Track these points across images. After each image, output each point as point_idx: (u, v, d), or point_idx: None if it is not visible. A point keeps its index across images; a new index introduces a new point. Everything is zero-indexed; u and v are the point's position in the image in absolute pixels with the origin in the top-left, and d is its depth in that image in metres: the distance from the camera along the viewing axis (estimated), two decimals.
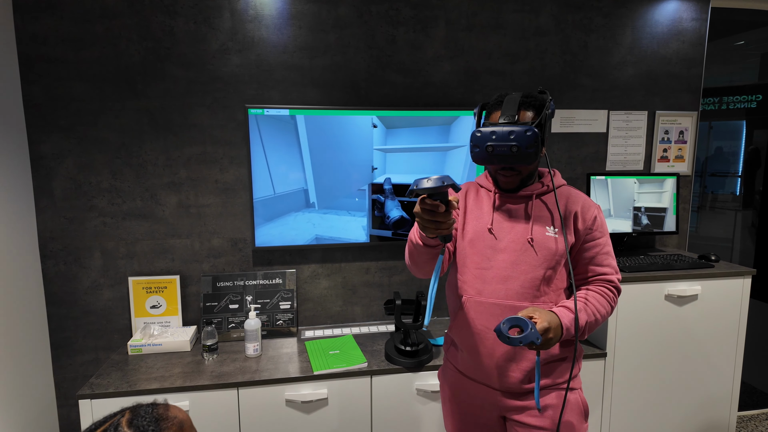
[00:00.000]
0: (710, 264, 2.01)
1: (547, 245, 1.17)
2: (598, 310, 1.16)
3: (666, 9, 2.21)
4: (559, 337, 1.08)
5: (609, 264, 1.21)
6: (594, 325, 1.16)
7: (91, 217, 1.90)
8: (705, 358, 1.99)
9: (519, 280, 1.18)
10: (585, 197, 1.23)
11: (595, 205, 1.22)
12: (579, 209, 1.20)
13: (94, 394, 1.55)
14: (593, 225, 1.19)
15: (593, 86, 2.21)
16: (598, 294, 1.19)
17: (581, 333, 1.12)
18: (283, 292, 2.01)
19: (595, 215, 1.20)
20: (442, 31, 2.04)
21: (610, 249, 1.22)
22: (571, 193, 1.23)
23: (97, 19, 1.80)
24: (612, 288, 1.21)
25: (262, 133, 1.89)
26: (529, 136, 1.07)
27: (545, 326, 1.03)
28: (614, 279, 1.22)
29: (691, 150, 2.35)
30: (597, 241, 1.20)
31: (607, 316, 1.19)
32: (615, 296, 1.21)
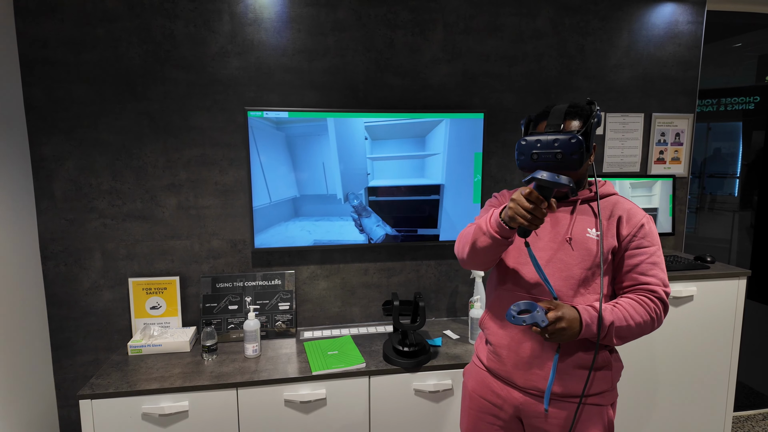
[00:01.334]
0: (706, 265, 2.03)
1: (586, 245, 1.17)
2: (632, 316, 1.11)
3: (662, 12, 2.23)
4: (577, 332, 1.08)
5: (655, 275, 1.16)
6: (626, 331, 1.11)
7: (92, 219, 1.91)
8: (701, 358, 2.01)
9: (553, 277, 1.19)
10: (634, 206, 1.21)
11: (645, 215, 1.19)
12: (624, 214, 1.18)
13: (95, 394, 1.56)
14: (639, 232, 1.16)
15: (590, 88, 2.23)
16: (634, 301, 1.14)
17: (608, 336, 1.10)
18: (282, 293, 2.02)
19: (643, 223, 1.17)
20: (439, 34, 2.06)
21: (658, 260, 1.17)
22: (619, 201, 1.22)
23: (97, 22, 1.81)
24: (654, 298, 1.14)
25: (259, 145, 1.91)
26: (573, 143, 1.10)
27: (558, 315, 1.06)
28: (659, 290, 1.15)
29: (687, 152, 2.37)
30: (643, 250, 1.16)
31: (647, 327, 1.13)
32: (657, 308, 1.14)
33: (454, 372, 1.77)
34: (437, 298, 2.23)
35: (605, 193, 1.24)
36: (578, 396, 1.17)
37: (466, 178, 2.08)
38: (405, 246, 2.12)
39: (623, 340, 1.14)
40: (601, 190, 1.24)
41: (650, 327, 1.14)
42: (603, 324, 1.08)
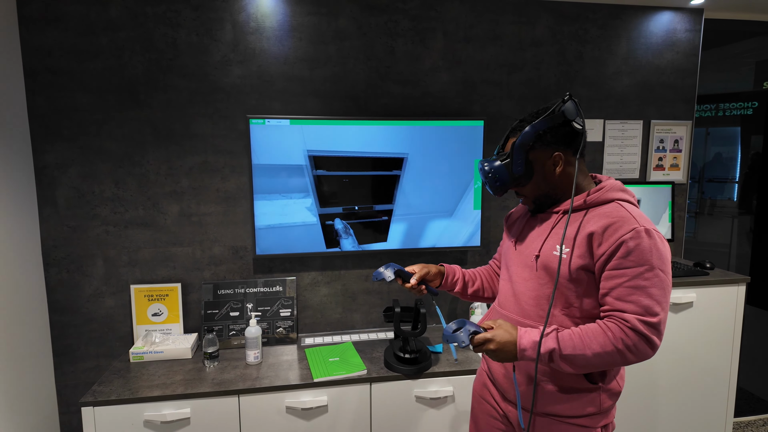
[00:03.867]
0: (705, 271, 2.04)
1: (550, 263, 1.10)
2: (588, 345, 1.00)
3: (660, 20, 2.25)
4: (511, 355, 1.04)
5: (634, 300, 0.99)
6: (582, 360, 1.01)
7: (94, 226, 1.92)
8: (701, 364, 2.01)
9: (525, 296, 1.16)
10: (625, 217, 1.03)
11: (636, 229, 1.01)
12: (599, 229, 1.04)
13: (97, 401, 1.57)
14: (617, 251, 1.01)
15: (589, 96, 2.25)
16: (599, 328, 1.01)
17: (555, 363, 1.03)
18: (283, 299, 2.03)
19: (623, 240, 1.00)
20: (440, 43, 2.07)
21: (645, 284, 0.99)
22: (613, 211, 1.06)
23: (101, 32, 1.83)
24: (624, 328, 0.98)
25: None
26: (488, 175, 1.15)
27: (487, 337, 1.05)
28: (631, 319, 0.98)
29: (686, 158, 2.38)
30: (623, 271, 1.00)
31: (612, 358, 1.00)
32: (628, 338, 0.98)
33: (456, 379, 1.77)
34: (441, 305, 2.23)
35: (601, 200, 1.10)
36: (554, 415, 1.14)
37: (466, 185, 2.09)
38: (406, 252, 2.13)
39: (581, 369, 1.03)
40: (598, 196, 1.10)
41: (618, 358, 1.00)
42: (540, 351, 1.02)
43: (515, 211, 1.35)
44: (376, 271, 1.32)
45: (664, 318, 1.00)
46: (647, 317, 0.98)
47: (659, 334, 0.99)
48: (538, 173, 1.14)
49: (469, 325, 1.08)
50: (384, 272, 1.31)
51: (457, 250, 2.17)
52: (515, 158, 1.12)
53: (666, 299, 1.01)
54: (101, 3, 1.82)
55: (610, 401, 1.14)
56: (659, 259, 1.00)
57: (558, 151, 1.12)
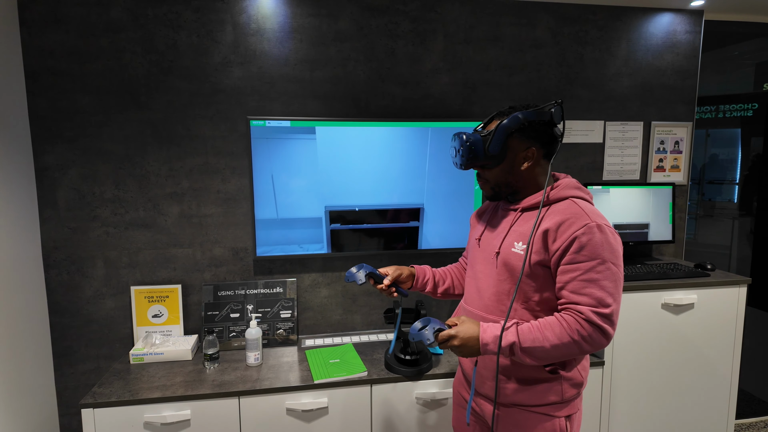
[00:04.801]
0: (706, 273, 2.04)
1: (508, 260, 1.14)
2: (546, 337, 1.04)
3: (660, 22, 2.25)
4: (475, 350, 1.09)
5: (588, 293, 1.03)
6: (541, 353, 1.05)
7: (95, 227, 1.92)
8: (702, 366, 2.01)
9: (488, 293, 1.20)
10: (578, 214, 1.08)
11: (588, 225, 1.05)
12: (553, 226, 1.08)
13: (97, 403, 1.56)
14: (571, 246, 1.05)
15: (589, 97, 2.25)
16: (556, 321, 1.06)
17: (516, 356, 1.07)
18: (283, 301, 2.03)
19: (576, 236, 1.04)
20: (440, 44, 2.08)
21: (597, 277, 1.03)
22: (568, 207, 1.10)
23: (101, 33, 1.83)
24: (579, 319, 1.03)
25: None
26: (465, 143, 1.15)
27: (451, 333, 1.09)
28: (586, 311, 1.03)
29: (686, 160, 2.38)
30: (577, 265, 1.04)
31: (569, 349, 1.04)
32: (583, 329, 1.03)
33: (443, 381, 1.77)
34: (438, 305, 2.23)
35: (556, 198, 1.13)
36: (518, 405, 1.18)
37: (467, 186, 2.09)
38: (406, 254, 2.13)
39: (541, 361, 1.08)
40: (553, 194, 1.13)
41: (575, 349, 1.04)
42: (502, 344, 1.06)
43: (480, 209, 1.39)
44: (348, 272, 1.33)
45: (616, 309, 1.05)
46: (600, 308, 1.03)
47: (612, 324, 1.04)
48: (509, 161, 1.17)
49: (433, 323, 1.13)
50: (356, 274, 1.32)
51: (458, 251, 2.16)
52: (495, 137, 1.14)
53: (618, 291, 1.06)
54: (102, 4, 1.82)
55: (572, 390, 1.17)
56: (611, 252, 1.05)
57: (533, 147, 1.15)
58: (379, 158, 2.00)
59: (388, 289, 1.32)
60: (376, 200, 2.03)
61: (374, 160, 2.00)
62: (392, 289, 1.32)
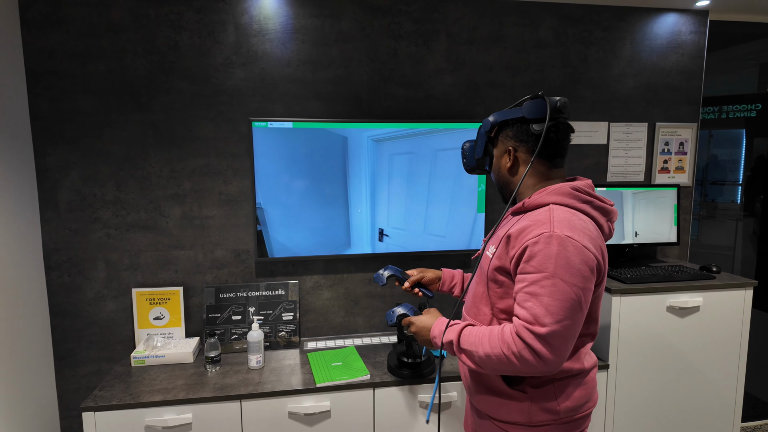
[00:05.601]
0: (711, 275, 2.02)
1: (482, 263, 1.17)
2: (481, 343, 1.02)
3: (665, 22, 2.24)
4: (426, 338, 1.21)
5: (528, 308, 0.96)
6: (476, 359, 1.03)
7: (96, 229, 1.91)
8: (707, 369, 1.99)
9: (470, 294, 1.23)
10: (542, 221, 1.00)
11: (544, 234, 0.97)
12: (515, 232, 1.03)
13: (98, 406, 1.55)
14: (523, 254, 0.99)
15: (593, 98, 2.23)
16: (497, 331, 1.02)
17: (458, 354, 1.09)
18: (285, 303, 2.02)
19: (527, 244, 0.98)
20: (443, 45, 2.06)
21: (541, 291, 0.95)
22: (537, 215, 1.03)
23: (103, 34, 1.82)
24: (513, 333, 0.97)
25: None
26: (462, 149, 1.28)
27: (411, 320, 1.28)
28: (519, 326, 0.96)
29: (691, 161, 2.36)
30: (524, 276, 0.98)
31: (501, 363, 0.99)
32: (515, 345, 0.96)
33: (459, 384, 1.76)
34: (441, 307, 2.21)
35: (536, 204, 1.07)
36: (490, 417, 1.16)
37: (470, 188, 2.07)
38: (409, 255, 2.12)
39: (480, 367, 1.04)
40: (534, 200, 1.07)
41: (505, 364, 0.98)
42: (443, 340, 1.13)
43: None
44: (377, 273, 1.48)
45: (557, 331, 0.93)
46: (535, 327, 0.94)
47: (550, 348, 0.93)
48: (495, 164, 1.19)
49: (403, 307, 1.35)
50: (381, 275, 1.46)
51: (460, 253, 2.15)
52: (477, 143, 1.21)
53: (563, 311, 0.93)
54: (103, 5, 1.81)
55: (543, 416, 1.07)
56: (563, 267, 0.94)
57: (510, 147, 1.13)
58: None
59: (412, 290, 1.45)
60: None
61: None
62: (416, 290, 1.44)
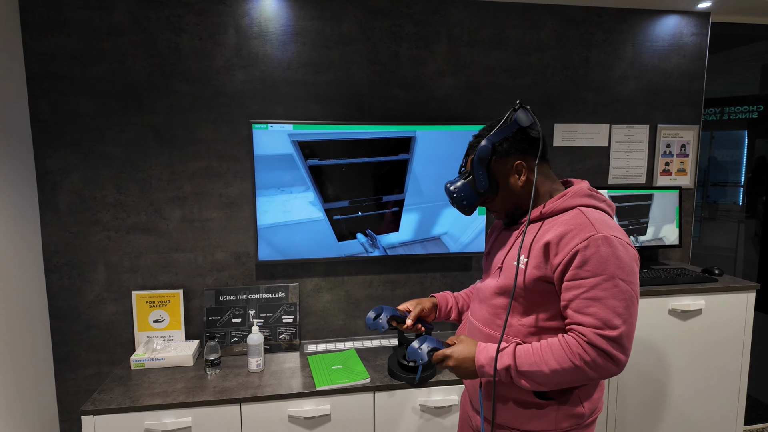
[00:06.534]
0: (714, 278, 2.01)
1: (509, 273, 1.08)
2: (545, 361, 0.97)
3: (666, 24, 2.23)
4: (471, 372, 1.05)
5: (592, 313, 0.95)
6: (541, 377, 0.98)
7: (96, 231, 1.91)
8: (710, 372, 1.98)
9: (486, 305, 1.15)
10: (583, 224, 0.99)
11: (593, 237, 0.96)
12: (555, 239, 1.00)
13: (97, 410, 1.55)
14: (573, 260, 0.97)
15: (595, 100, 2.23)
16: (557, 343, 0.98)
17: (515, 380, 1.01)
18: (285, 305, 2.01)
19: (578, 249, 0.96)
20: (444, 47, 2.06)
21: (603, 295, 0.94)
22: (572, 219, 1.02)
23: (104, 36, 1.82)
24: (582, 342, 0.95)
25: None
26: (453, 195, 1.12)
27: (446, 353, 1.07)
28: (588, 333, 0.94)
29: (693, 163, 2.35)
30: (579, 282, 0.96)
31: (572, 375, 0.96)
32: (586, 354, 0.94)
33: (460, 387, 1.75)
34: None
35: (561, 208, 1.06)
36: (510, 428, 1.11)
37: None
38: (410, 258, 2.11)
39: (542, 386, 1.00)
40: (558, 204, 1.06)
41: (577, 375, 0.96)
42: (497, 367, 1.01)
43: (495, 223, 1.32)
44: (367, 318, 1.25)
45: (626, 331, 0.95)
46: (606, 331, 0.93)
47: (622, 349, 0.94)
48: (503, 186, 1.11)
49: (429, 341, 1.10)
50: (379, 322, 1.23)
51: (461, 255, 2.14)
52: (477, 174, 1.09)
53: (629, 311, 0.95)
54: (105, 8, 1.81)
55: (569, 421, 1.07)
56: (619, 267, 0.95)
57: (518, 159, 1.09)
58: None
59: (414, 327, 1.26)
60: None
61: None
62: (418, 325, 1.27)
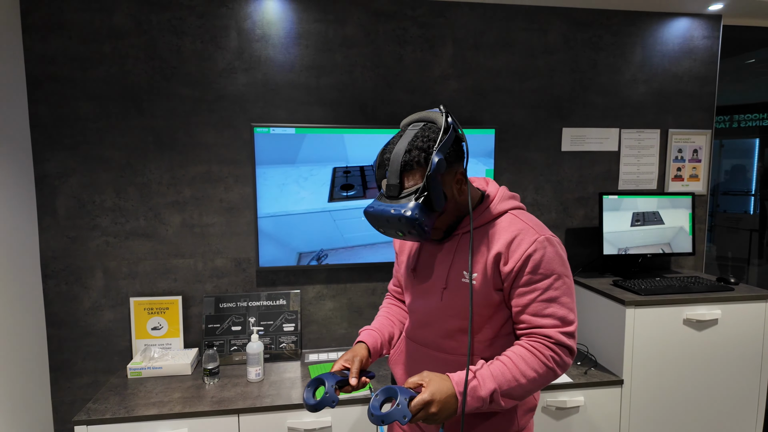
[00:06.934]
0: (730, 287, 1.94)
1: (461, 293, 1.02)
2: (523, 372, 0.95)
3: (677, 27, 2.19)
4: (453, 410, 0.91)
5: (551, 314, 0.97)
6: (518, 390, 0.95)
7: (94, 237, 1.87)
8: (726, 385, 1.90)
9: (434, 328, 1.08)
10: (524, 229, 1.00)
11: (537, 240, 0.98)
12: (503, 247, 0.99)
13: (91, 419, 1.50)
14: (525, 266, 0.97)
15: (604, 104, 2.18)
16: (527, 351, 0.97)
17: (494, 404, 0.94)
18: (286, 313, 1.96)
19: (529, 254, 0.97)
20: (449, 50, 2.02)
21: (556, 294, 0.97)
22: (510, 223, 1.01)
23: (104, 39, 1.80)
24: (549, 344, 0.96)
25: None
26: (404, 223, 0.92)
27: (425, 399, 0.89)
28: (553, 333, 0.96)
29: (705, 169, 2.29)
30: (534, 286, 0.97)
31: (545, 379, 0.97)
32: (556, 354, 0.96)
33: None
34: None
35: (497, 213, 1.04)
36: None
37: None
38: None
39: (519, 399, 0.97)
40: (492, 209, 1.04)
41: (550, 377, 0.97)
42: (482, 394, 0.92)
43: None
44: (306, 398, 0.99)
45: (577, 323, 1.01)
46: (566, 327, 0.98)
47: (574, 340, 1.00)
48: (451, 200, 1.01)
49: (400, 392, 0.89)
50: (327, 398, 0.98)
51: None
52: (434, 192, 0.93)
53: (574, 303, 1.01)
54: (105, 10, 1.79)
55: (527, 417, 1.11)
56: (562, 265, 1.00)
57: (459, 169, 1.01)
58: None
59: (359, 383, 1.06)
60: None
61: None
62: (363, 379, 1.07)
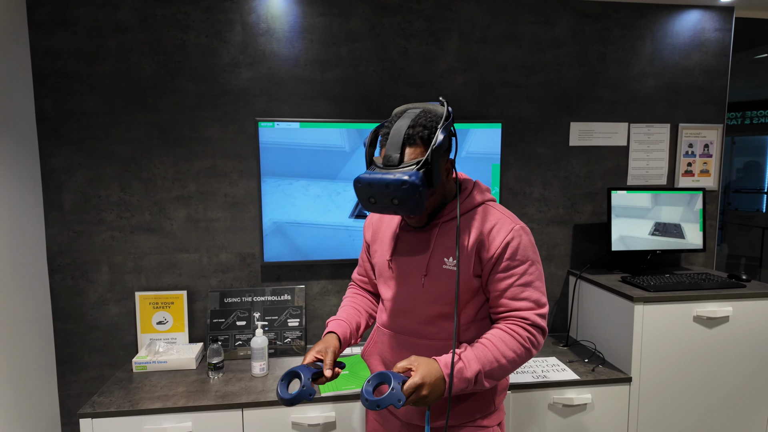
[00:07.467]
0: (741, 284, 1.90)
1: (443, 280, 1.07)
2: (503, 353, 1.01)
3: (687, 19, 2.15)
4: (441, 392, 0.96)
5: (527, 297, 1.05)
6: (499, 371, 1.02)
7: (100, 231, 1.88)
8: (738, 383, 1.87)
9: (415, 315, 1.11)
10: (501, 219, 1.06)
11: (514, 228, 1.04)
12: (484, 235, 1.05)
13: (96, 413, 1.51)
14: (504, 252, 1.03)
15: (612, 98, 2.14)
16: (505, 333, 1.03)
17: (478, 384, 1.00)
18: (291, 308, 1.96)
19: (507, 241, 1.03)
20: (455, 44, 2.00)
21: (531, 278, 1.05)
22: (487, 213, 1.07)
23: (109, 34, 1.81)
24: (526, 326, 1.04)
25: None
26: (405, 189, 0.92)
27: (417, 382, 0.93)
28: (530, 315, 1.04)
29: (716, 164, 2.25)
30: (512, 271, 1.04)
31: (522, 359, 1.04)
32: (532, 336, 1.04)
33: None
34: None
35: (475, 204, 1.09)
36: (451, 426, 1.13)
37: None
38: None
39: (499, 379, 1.04)
40: (471, 200, 1.09)
41: (525, 357, 1.05)
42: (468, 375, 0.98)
43: (373, 220, 1.23)
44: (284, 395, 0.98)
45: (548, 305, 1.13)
46: (539, 309, 1.06)
47: (545, 320, 1.08)
48: (441, 184, 1.06)
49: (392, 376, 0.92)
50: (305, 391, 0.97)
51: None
52: (435, 167, 0.96)
53: (544, 287, 1.09)
54: (110, 5, 1.80)
55: (499, 397, 1.18)
56: (534, 252, 1.08)
57: (449, 155, 1.07)
58: None
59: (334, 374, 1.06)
60: None
61: None
62: (337, 370, 1.08)
